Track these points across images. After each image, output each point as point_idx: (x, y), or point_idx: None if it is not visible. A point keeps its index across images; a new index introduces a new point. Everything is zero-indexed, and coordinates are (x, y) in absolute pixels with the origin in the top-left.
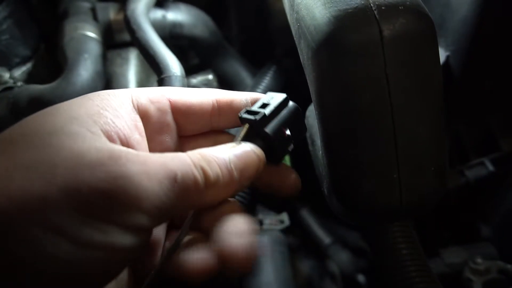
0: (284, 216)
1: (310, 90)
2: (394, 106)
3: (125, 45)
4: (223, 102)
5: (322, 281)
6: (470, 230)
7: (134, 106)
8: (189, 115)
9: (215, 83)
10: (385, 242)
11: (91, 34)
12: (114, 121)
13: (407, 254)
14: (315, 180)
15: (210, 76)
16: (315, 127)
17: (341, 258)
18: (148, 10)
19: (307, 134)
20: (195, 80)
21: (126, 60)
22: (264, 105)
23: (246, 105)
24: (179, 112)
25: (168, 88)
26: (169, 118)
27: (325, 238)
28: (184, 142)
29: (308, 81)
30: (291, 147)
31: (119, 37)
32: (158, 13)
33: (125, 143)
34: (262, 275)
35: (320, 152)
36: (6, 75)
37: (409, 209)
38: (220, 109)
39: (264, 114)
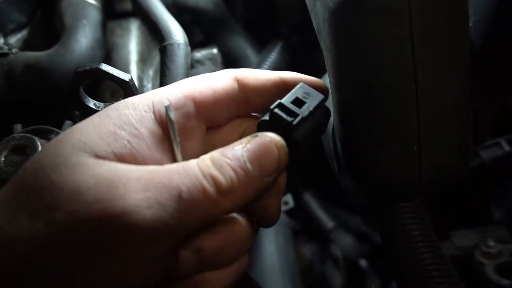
0: (288, 198)
1: (325, 56)
2: (418, 72)
3: (126, 15)
4: (250, 88)
5: (324, 265)
6: (482, 213)
7: (156, 118)
8: (214, 108)
9: (219, 58)
10: (395, 222)
11: (91, 0)
12: (132, 142)
13: (418, 235)
14: (319, 163)
15: (215, 50)
16: None
17: (344, 243)
18: None
19: None
20: (199, 54)
21: (127, 31)
22: (298, 101)
23: (275, 91)
24: (204, 108)
25: (190, 84)
26: (194, 121)
27: (328, 222)
28: (211, 136)
29: (323, 47)
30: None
31: (120, 6)
32: None
33: (143, 163)
34: (265, 257)
35: (332, 125)
36: (0, 41)
37: (429, 185)
38: (247, 97)
39: (302, 118)
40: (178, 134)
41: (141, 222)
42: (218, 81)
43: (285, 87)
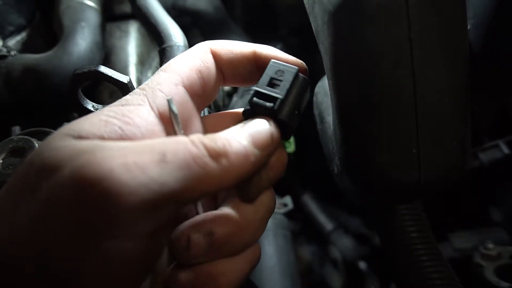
0: (288, 200)
1: (324, 59)
2: (417, 74)
3: (125, 17)
4: (224, 61)
5: (323, 267)
6: (481, 214)
7: (153, 109)
8: (202, 90)
9: None
10: (393, 223)
11: (89, 2)
12: (124, 129)
13: (416, 237)
14: (318, 164)
15: None
16: (324, 103)
17: (343, 244)
18: None
19: (316, 112)
20: None
21: (126, 33)
22: (273, 82)
23: (249, 65)
24: (195, 92)
25: (175, 70)
26: (191, 106)
27: (327, 224)
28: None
29: (322, 50)
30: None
31: (119, 8)
32: None
33: None
34: (265, 259)
35: (331, 128)
36: None
37: (428, 187)
38: (221, 70)
39: (282, 100)
40: (182, 127)
41: (119, 187)
42: (200, 60)
43: (259, 61)
